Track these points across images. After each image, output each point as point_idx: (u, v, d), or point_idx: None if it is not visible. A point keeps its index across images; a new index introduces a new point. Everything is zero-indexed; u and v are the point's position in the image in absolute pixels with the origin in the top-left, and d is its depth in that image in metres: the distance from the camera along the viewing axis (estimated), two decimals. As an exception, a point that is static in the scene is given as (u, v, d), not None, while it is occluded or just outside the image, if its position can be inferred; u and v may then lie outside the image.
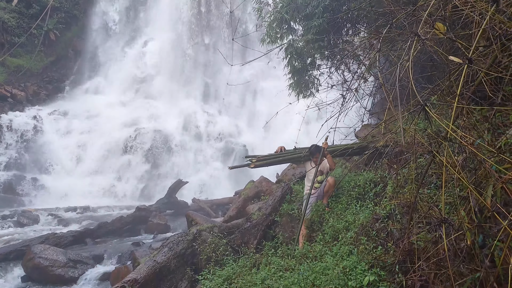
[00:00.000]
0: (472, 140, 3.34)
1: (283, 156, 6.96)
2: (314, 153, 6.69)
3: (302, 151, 6.85)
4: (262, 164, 6.75)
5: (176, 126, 23.25)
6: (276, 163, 7.08)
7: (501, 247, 2.96)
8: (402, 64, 4.89)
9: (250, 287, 4.78)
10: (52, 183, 19.83)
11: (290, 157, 7.00)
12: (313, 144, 6.75)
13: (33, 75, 25.93)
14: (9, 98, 23.20)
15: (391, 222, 4.78)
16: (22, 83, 24.91)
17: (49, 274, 8.90)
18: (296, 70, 12.02)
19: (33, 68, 25.81)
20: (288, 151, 7.08)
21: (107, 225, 12.89)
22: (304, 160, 6.90)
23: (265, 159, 6.83)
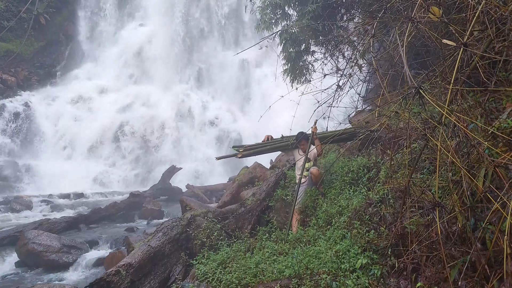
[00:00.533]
0: (465, 124, 3.36)
1: (271, 145, 6.89)
2: (301, 140, 6.64)
3: (289, 139, 6.80)
4: (249, 153, 6.70)
5: (169, 112, 23.11)
6: (264, 152, 7.00)
7: (493, 230, 3.01)
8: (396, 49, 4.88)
9: (244, 271, 4.82)
10: (44, 169, 19.71)
11: (277, 145, 6.94)
12: (300, 132, 6.69)
13: (24, 60, 25.53)
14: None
15: (384, 206, 4.82)
16: (12, 68, 24.54)
17: (43, 260, 8.91)
18: (290, 56, 11.97)
19: (23, 53, 25.39)
20: (275, 139, 7.03)
21: (101, 211, 12.88)
22: (291, 148, 6.85)
23: (252, 149, 6.78)
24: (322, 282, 3.93)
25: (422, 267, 3.67)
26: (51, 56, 26.96)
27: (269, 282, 4.51)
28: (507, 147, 2.99)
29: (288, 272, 4.49)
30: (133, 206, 13.74)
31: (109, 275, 4.76)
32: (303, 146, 6.60)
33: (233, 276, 4.71)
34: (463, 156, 3.48)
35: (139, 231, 10.92)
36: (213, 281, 4.86)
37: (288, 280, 4.39)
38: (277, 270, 4.65)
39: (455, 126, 3.30)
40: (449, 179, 3.60)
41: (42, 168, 19.72)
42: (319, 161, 7.57)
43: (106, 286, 4.67)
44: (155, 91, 24.22)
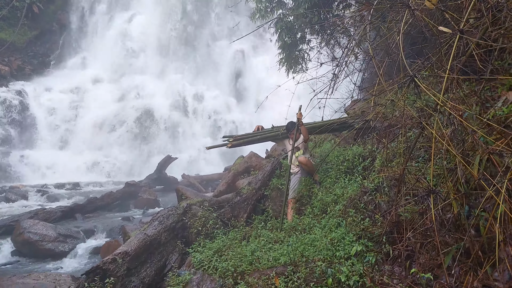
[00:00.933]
0: (461, 113, 3.37)
1: (261, 135, 6.85)
2: (290, 129, 6.59)
3: (279, 129, 6.77)
4: (239, 143, 6.67)
5: (164, 102, 23.03)
6: (254, 142, 6.96)
7: (486, 217, 3.04)
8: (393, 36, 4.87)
9: (240, 259, 4.84)
10: (40, 159, 19.65)
11: (268, 135, 6.89)
12: (290, 121, 6.65)
13: (17, 49, 25.27)
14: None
15: (379, 194, 4.85)
16: (5, 58, 24.29)
17: (39, 249, 8.91)
18: (286, 45, 11.92)
19: (16, 42, 25.12)
20: (265, 129, 6.98)
21: (97, 200, 12.87)
22: (282, 138, 6.81)
23: (242, 138, 6.75)
24: (317, 269, 3.95)
25: (416, 254, 3.71)
26: (44, 45, 26.70)
27: (264, 269, 4.53)
28: (501, 135, 3.01)
29: (284, 259, 4.51)
30: (129, 196, 13.75)
31: (105, 263, 4.77)
32: (292, 135, 6.56)
33: (229, 264, 4.73)
34: (458, 144, 3.50)
35: (135, 220, 10.94)
36: (209, 269, 4.88)
37: (284, 267, 4.41)
38: (272, 258, 4.67)
39: (450, 114, 3.31)
40: (444, 167, 3.62)
41: (38, 158, 19.66)
42: (312, 149, 7.58)
43: (102, 274, 4.69)
44: (150, 81, 24.09)
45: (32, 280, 5.95)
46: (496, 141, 2.96)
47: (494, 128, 3.18)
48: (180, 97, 23.43)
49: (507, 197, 2.47)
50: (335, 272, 3.80)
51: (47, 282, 5.91)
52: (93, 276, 4.65)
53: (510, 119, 3.06)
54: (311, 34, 11.57)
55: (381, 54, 6.10)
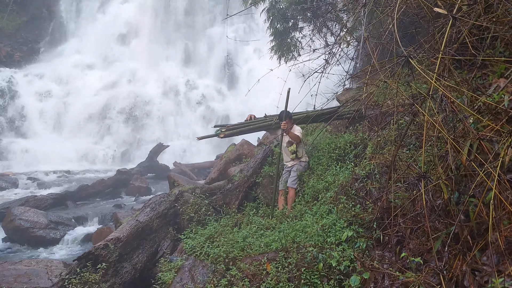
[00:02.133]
0: (452, 99, 3.39)
1: (254, 124, 6.63)
2: (282, 119, 6.33)
3: (272, 119, 6.58)
4: (232, 133, 6.46)
5: (156, 90, 22.86)
6: (246, 131, 6.82)
7: (476, 203, 3.07)
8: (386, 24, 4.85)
9: (232, 245, 4.87)
10: (30, 147, 19.47)
11: (260, 125, 6.69)
12: (282, 110, 6.40)
13: (6, 35, 24.85)
14: (-19, 59, 22.31)
15: (370, 181, 4.88)
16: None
17: (30, 235, 8.89)
18: (278, 32, 11.84)
19: (5, 28, 24.69)
20: (258, 119, 6.78)
21: (88, 188, 12.83)
22: (275, 128, 6.61)
23: (235, 128, 6.53)
24: (308, 255, 3.99)
25: (407, 240, 3.75)
26: (34, 31, 26.28)
27: (256, 255, 4.57)
28: (492, 121, 3.04)
29: (275, 245, 4.55)
30: (120, 183, 13.72)
31: (97, 248, 4.77)
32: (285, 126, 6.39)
33: (220, 250, 4.76)
34: (449, 131, 3.52)
35: (127, 207, 10.93)
36: (201, 254, 4.90)
37: (275, 253, 4.45)
38: (264, 244, 4.71)
39: (442, 100, 3.33)
40: (435, 153, 3.65)
41: (28, 146, 19.48)
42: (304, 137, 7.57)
43: (94, 260, 4.69)
44: (141, 68, 23.86)
45: (24, 266, 5.92)
46: (487, 128, 2.99)
47: (485, 114, 3.20)
48: (171, 85, 23.26)
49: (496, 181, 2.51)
50: (326, 258, 3.84)
51: (39, 268, 5.89)
52: (85, 261, 4.65)
53: (500, 105, 3.08)
54: (304, 21, 11.50)
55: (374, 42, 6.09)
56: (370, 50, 3.48)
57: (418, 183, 3.13)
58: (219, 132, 6.34)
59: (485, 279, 2.54)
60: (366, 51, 7.48)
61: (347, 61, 9.13)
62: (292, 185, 6.22)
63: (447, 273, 2.65)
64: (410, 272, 3.06)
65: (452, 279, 2.74)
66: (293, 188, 6.21)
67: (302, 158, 6.47)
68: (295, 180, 6.25)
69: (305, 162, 6.47)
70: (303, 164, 6.43)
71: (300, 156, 6.43)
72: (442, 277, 2.53)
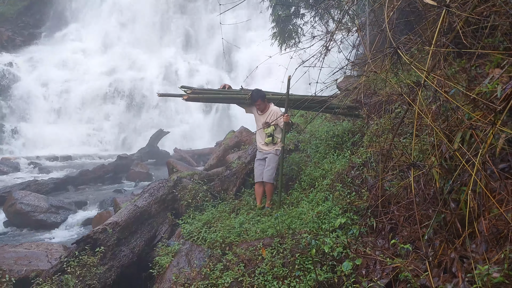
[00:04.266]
0: (447, 88, 3.41)
1: (225, 94, 5.99)
2: (255, 98, 5.72)
3: (247, 93, 5.87)
4: (198, 98, 5.78)
5: (157, 76, 22.80)
6: (215, 100, 6.20)
7: (468, 191, 3.12)
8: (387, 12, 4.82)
9: (228, 230, 4.94)
10: (32, 131, 19.58)
11: (233, 96, 6.02)
12: (256, 89, 5.87)
13: (7, 20, 24.74)
14: (-19, 43, 22.26)
15: (366, 169, 4.92)
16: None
17: (31, 219, 9.00)
18: (280, 19, 11.80)
19: (6, 13, 24.58)
20: (232, 90, 6.12)
21: (89, 172, 12.94)
22: (249, 104, 5.89)
23: (203, 93, 5.90)
24: (302, 241, 4.06)
25: (400, 227, 3.80)
26: (35, 16, 26.16)
27: (252, 241, 4.65)
28: (486, 111, 3.06)
29: (271, 231, 4.62)
30: (121, 169, 13.83)
31: (95, 232, 4.85)
32: (258, 106, 5.78)
33: (217, 235, 4.84)
34: (444, 121, 3.54)
35: (127, 192, 11.03)
36: (198, 239, 4.98)
37: (271, 239, 4.53)
38: (260, 230, 4.78)
39: (436, 90, 3.34)
40: (428, 142, 3.67)
41: (30, 130, 19.58)
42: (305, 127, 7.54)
43: (93, 243, 4.77)
44: (142, 54, 23.77)
45: (24, 249, 6.03)
46: (481, 118, 3.01)
47: (478, 105, 3.23)
48: (172, 71, 23.18)
49: (482, 170, 2.54)
50: (320, 244, 3.90)
51: (39, 251, 5.99)
52: (84, 245, 4.73)
53: (493, 95, 3.10)
54: (305, 8, 11.44)
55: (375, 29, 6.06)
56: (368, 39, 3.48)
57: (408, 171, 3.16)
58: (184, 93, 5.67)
59: (472, 266, 2.59)
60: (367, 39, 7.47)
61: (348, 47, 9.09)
62: (269, 180, 5.75)
63: (432, 259, 2.70)
64: (400, 258, 3.12)
65: (440, 265, 2.80)
66: (270, 182, 5.78)
67: (278, 144, 5.84)
68: (273, 173, 5.78)
69: (280, 149, 5.80)
70: (279, 152, 5.81)
71: (275, 141, 5.85)
72: (428, 263, 2.58)
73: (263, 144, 5.92)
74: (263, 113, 5.84)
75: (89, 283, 4.39)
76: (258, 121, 5.90)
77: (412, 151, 3.15)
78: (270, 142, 5.85)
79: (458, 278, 2.59)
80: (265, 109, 5.83)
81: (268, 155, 5.83)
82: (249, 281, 4.07)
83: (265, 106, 5.84)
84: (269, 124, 5.77)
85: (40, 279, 4.41)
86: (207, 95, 5.94)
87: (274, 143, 5.85)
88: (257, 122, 5.93)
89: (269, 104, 5.88)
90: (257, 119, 5.94)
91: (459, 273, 2.58)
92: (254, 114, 5.97)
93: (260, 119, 5.86)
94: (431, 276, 2.52)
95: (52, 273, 4.42)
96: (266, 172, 5.76)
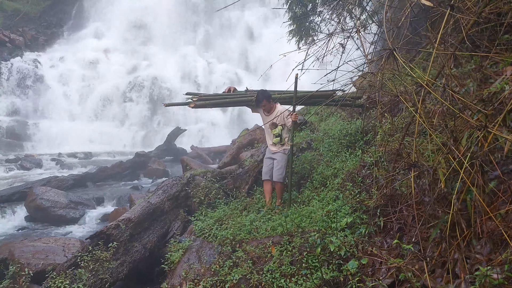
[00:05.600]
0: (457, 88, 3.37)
1: (231, 98, 5.94)
2: (260, 100, 5.66)
3: (254, 94, 5.84)
4: (205, 104, 5.73)
5: (175, 74, 23.04)
6: (222, 105, 6.21)
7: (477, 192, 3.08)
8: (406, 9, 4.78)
9: (239, 228, 4.99)
10: (53, 129, 20.05)
11: (240, 99, 5.99)
12: (262, 89, 5.83)
13: (31, 19, 25.38)
14: (7, 43, 22.87)
15: (377, 169, 4.89)
16: (20, 28, 24.45)
17: (51, 215, 9.25)
18: (297, 16, 11.75)
19: (30, 12, 25.20)
20: (238, 92, 6.09)
21: (107, 169, 13.18)
22: (256, 106, 5.84)
23: (209, 99, 5.84)
24: (310, 239, 4.07)
25: (408, 227, 3.78)
26: (57, 15, 26.75)
27: (262, 238, 4.69)
28: (494, 111, 3.01)
29: (280, 230, 4.65)
30: (139, 166, 14.02)
31: (109, 228, 4.97)
32: (264, 107, 5.73)
33: (228, 232, 4.90)
34: (452, 120, 3.50)
35: (144, 189, 11.21)
36: (209, 236, 5.05)
37: (280, 237, 4.56)
38: (270, 228, 4.82)
39: (444, 90, 3.31)
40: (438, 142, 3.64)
41: (52, 128, 20.06)
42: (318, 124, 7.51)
43: (106, 239, 4.89)
44: (161, 52, 24.05)
45: (42, 243, 6.21)
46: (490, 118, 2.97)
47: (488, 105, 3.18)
48: (190, 69, 23.39)
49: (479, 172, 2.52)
50: (328, 243, 3.91)
51: (56, 245, 6.17)
52: (97, 240, 4.86)
53: (503, 94, 3.05)
54: (323, 5, 11.35)
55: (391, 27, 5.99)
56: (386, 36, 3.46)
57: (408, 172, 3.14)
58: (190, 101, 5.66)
59: (476, 267, 2.57)
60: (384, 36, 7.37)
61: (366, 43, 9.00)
62: (279, 180, 5.77)
63: (431, 259, 2.69)
64: (405, 258, 3.11)
65: (444, 265, 2.78)
66: (280, 182, 5.80)
67: (285, 144, 5.84)
68: (283, 173, 5.79)
69: (288, 149, 5.81)
70: (287, 151, 5.81)
71: (283, 142, 5.83)
72: (425, 264, 2.57)
73: (271, 145, 5.91)
74: (269, 114, 5.79)
75: (102, 277, 4.51)
76: (265, 122, 5.91)
77: (413, 151, 3.12)
78: (278, 142, 5.81)
79: (461, 279, 2.57)
80: (271, 109, 5.77)
81: (277, 155, 5.82)
82: (257, 278, 4.11)
83: (271, 106, 5.77)
84: (276, 125, 5.74)
85: (54, 272, 4.55)
86: (213, 101, 5.88)
87: (282, 143, 5.83)
88: (264, 123, 5.94)
89: (275, 104, 5.82)
90: (264, 120, 5.93)
91: (462, 273, 2.57)
92: (261, 114, 5.94)
93: (267, 120, 5.83)
94: (428, 276, 2.52)
95: (66, 267, 4.56)
96: (276, 172, 5.76)
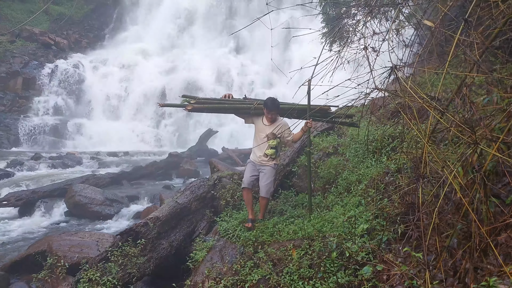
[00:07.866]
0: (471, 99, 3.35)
1: (229, 104, 5.77)
2: (271, 108, 5.35)
3: (252, 103, 5.58)
4: (201, 108, 5.56)
5: (210, 76, 23.46)
6: (219, 110, 6.11)
7: (497, 203, 3.07)
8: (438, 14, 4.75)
9: (262, 230, 5.12)
10: (94, 128, 20.93)
11: (237, 106, 5.77)
12: (271, 97, 5.57)
13: (74, 23, 26.59)
14: (53, 46, 24.08)
15: (400, 176, 4.89)
16: (64, 31, 25.69)
17: (88, 211, 9.74)
18: (330, 18, 11.75)
19: (74, 16, 26.42)
20: (235, 99, 5.89)
21: (142, 169, 13.65)
22: (254, 114, 5.55)
23: (206, 103, 5.67)
24: (329, 244, 4.15)
25: (426, 236, 3.79)
26: (99, 19, 27.90)
27: (284, 241, 4.80)
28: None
29: (302, 233, 4.74)
30: (171, 166, 14.43)
31: (138, 226, 5.23)
32: (271, 116, 5.41)
33: (251, 234, 5.03)
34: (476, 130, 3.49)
35: (175, 189, 11.53)
36: (233, 237, 5.20)
37: (301, 240, 4.65)
38: (292, 231, 4.92)
39: (463, 99, 3.30)
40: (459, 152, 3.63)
41: (92, 127, 20.94)
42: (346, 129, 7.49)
43: (135, 236, 5.15)
44: (197, 55, 24.55)
45: (78, 237, 6.59)
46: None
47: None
48: (224, 71, 23.73)
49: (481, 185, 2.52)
50: (347, 248, 3.98)
51: (91, 240, 6.53)
52: (127, 237, 5.12)
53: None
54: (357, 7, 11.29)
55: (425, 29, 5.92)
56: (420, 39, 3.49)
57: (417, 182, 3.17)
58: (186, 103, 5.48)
59: (486, 278, 2.57)
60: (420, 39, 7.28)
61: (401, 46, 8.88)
62: (267, 195, 5.52)
63: (437, 269, 2.72)
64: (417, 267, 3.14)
65: (456, 274, 2.80)
66: (267, 198, 5.57)
67: (276, 159, 5.58)
68: (271, 188, 5.55)
69: (277, 164, 5.64)
70: (276, 167, 5.60)
71: (275, 156, 5.54)
72: (428, 272, 2.61)
73: (262, 155, 5.52)
74: (270, 124, 5.49)
75: (130, 271, 4.76)
76: (261, 132, 5.52)
77: (423, 160, 3.14)
78: (270, 155, 5.50)
79: (470, 289, 2.58)
80: (275, 120, 5.51)
81: (266, 168, 5.51)
82: (276, 279, 4.22)
83: (277, 117, 5.53)
84: (276, 137, 5.47)
85: (87, 265, 4.85)
86: (211, 105, 5.75)
87: (273, 157, 5.53)
88: (259, 133, 5.57)
89: (276, 116, 5.52)
90: (260, 129, 5.56)
91: (471, 284, 2.58)
92: (257, 124, 5.61)
93: (265, 130, 5.48)
94: (428, 283, 2.57)
95: (97, 261, 4.84)
96: (264, 187, 5.48)
